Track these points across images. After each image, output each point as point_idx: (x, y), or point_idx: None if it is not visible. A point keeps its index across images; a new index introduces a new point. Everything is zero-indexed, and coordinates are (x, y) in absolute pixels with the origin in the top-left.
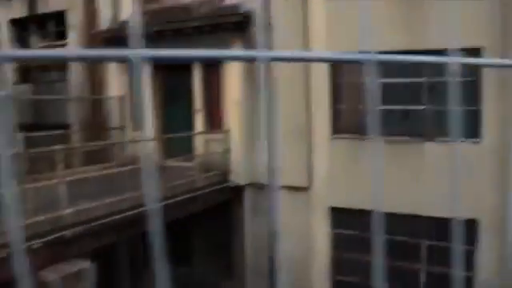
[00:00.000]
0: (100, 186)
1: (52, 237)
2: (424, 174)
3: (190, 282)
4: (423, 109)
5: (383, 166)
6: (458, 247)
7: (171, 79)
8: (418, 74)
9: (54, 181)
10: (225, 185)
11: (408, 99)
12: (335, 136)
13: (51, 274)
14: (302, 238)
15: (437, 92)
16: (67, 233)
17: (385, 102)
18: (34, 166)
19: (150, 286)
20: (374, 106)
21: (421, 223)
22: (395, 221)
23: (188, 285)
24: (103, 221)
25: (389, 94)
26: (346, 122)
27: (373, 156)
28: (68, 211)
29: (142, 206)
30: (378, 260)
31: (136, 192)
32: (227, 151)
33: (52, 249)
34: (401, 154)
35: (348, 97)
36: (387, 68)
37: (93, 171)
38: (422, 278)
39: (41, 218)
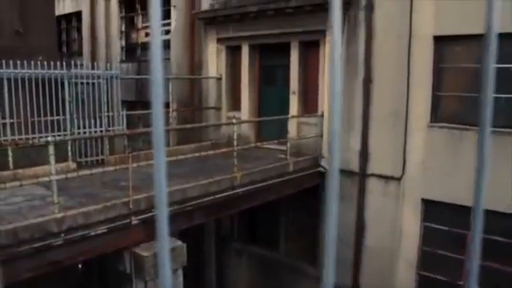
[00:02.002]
0: (195, 166)
1: (148, 215)
2: None
3: (276, 265)
4: None
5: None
6: None
7: (268, 59)
8: None
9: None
10: (315, 170)
11: None
12: (434, 124)
13: (146, 250)
14: (391, 229)
15: None
16: None
17: (494, 89)
18: (131, 141)
19: (235, 266)
20: (487, 92)
21: None
22: (492, 219)
23: (273, 267)
24: (195, 202)
25: (499, 80)
26: (447, 110)
27: (480, 149)
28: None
29: (233, 188)
30: (474, 261)
31: (228, 174)
32: (320, 136)
33: (148, 226)
34: (504, 147)
35: (451, 83)
36: (497, 52)
37: (188, 150)
38: None
39: (139, 196)
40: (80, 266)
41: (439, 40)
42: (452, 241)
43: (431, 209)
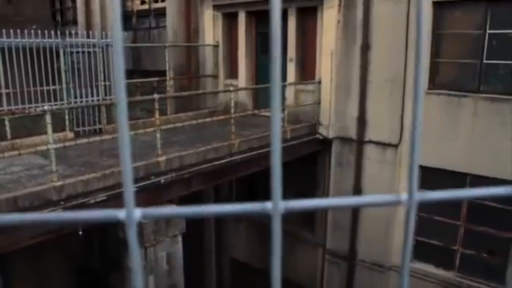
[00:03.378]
0: (192, 134)
1: (146, 182)
2: None
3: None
4: None
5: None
6: None
7: (265, 27)
8: None
9: (151, 129)
10: (313, 137)
11: None
12: (432, 91)
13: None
14: (387, 194)
15: None
16: (160, 179)
17: (492, 55)
18: (129, 110)
19: (234, 232)
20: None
21: None
22: (490, 185)
23: (270, 233)
24: (194, 169)
25: (498, 46)
26: (446, 77)
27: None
28: (162, 159)
29: (231, 155)
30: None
31: (226, 141)
32: (317, 103)
33: (146, 193)
34: (503, 114)
35: (450, 50)
36: (497, 18)
37: (186, 118)
38: None
39: (137, 164)
40: (80, 233)
41: (439, 5)
42: (448, 207)
43: (428, 175)
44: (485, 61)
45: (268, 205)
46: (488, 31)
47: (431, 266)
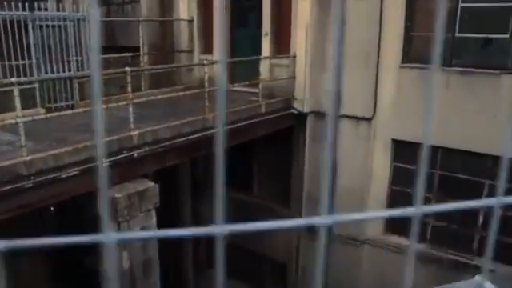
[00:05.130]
0: (166, 109)
1: (119, 157)
2: (497, 109)
3: (249, 207)
4: (507, 38)
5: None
6: None
7: (240, 0)
8: None
9: (123, 102)
10: (288, 112)
11: (492, 27)
12: (405, 65)
13: (118, 192)
14: (361, 168)
15: None
16: (133, 153)
17: (464, 29)
18: (103, 87)
19: (209, 208)
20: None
21: (487, 162)
22: (460, 158)
23: (246, 209)
24: (167, 143)
25: (470, 20)
26: (419, 51)
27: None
28: (134, 133)
29: (205, 129)
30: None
31: (200, 115)
32: (292, 77)
33: (120, 168)
34: (474, 87)
35: (423, 24)
36: None
37: (160, 94)
38: (481, 218)
39: (109, 138)
40: (52, 208)
41: None
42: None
43: (401, 149)
44: (457, 34)
45: (214, 228)
46: (460, 4)
47: (404, 238)
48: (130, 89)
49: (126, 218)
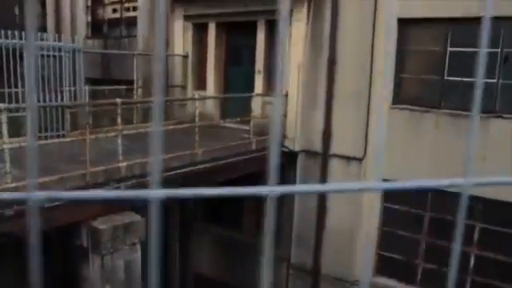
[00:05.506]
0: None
1: (106, 188)
2: (487, 152)
3: (238, 244)
4: (494, 82)
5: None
6: None
7: (235, 38)
8: (495, 43)
9: (112, 134)
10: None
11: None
12: (396, 106)
13: (102, 223)
14: (351, 209)
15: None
16: (120, 185)
17: (453, 72)
18: (95, 119)
19: (198, 245)
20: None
21: (478, 205)
22: (452, 200)
23: (235, 246)
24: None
25: (458, 64)
26: (409, 92)
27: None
28: (123, 164)
29: (194, 164)
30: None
31: (189, 150)
32: (283, 116)
33: (104, 200)
34: (463, 129)
35: (413, 65)
36: (457, 36)
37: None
38: (472, 260)
39: (97, 168)
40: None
41: (403, 22)
42: (411, 221)
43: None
44: (446, 77)
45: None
46: (449, 49)
47: (394, 280)
48: (119, 120)
49: (110, 251)
